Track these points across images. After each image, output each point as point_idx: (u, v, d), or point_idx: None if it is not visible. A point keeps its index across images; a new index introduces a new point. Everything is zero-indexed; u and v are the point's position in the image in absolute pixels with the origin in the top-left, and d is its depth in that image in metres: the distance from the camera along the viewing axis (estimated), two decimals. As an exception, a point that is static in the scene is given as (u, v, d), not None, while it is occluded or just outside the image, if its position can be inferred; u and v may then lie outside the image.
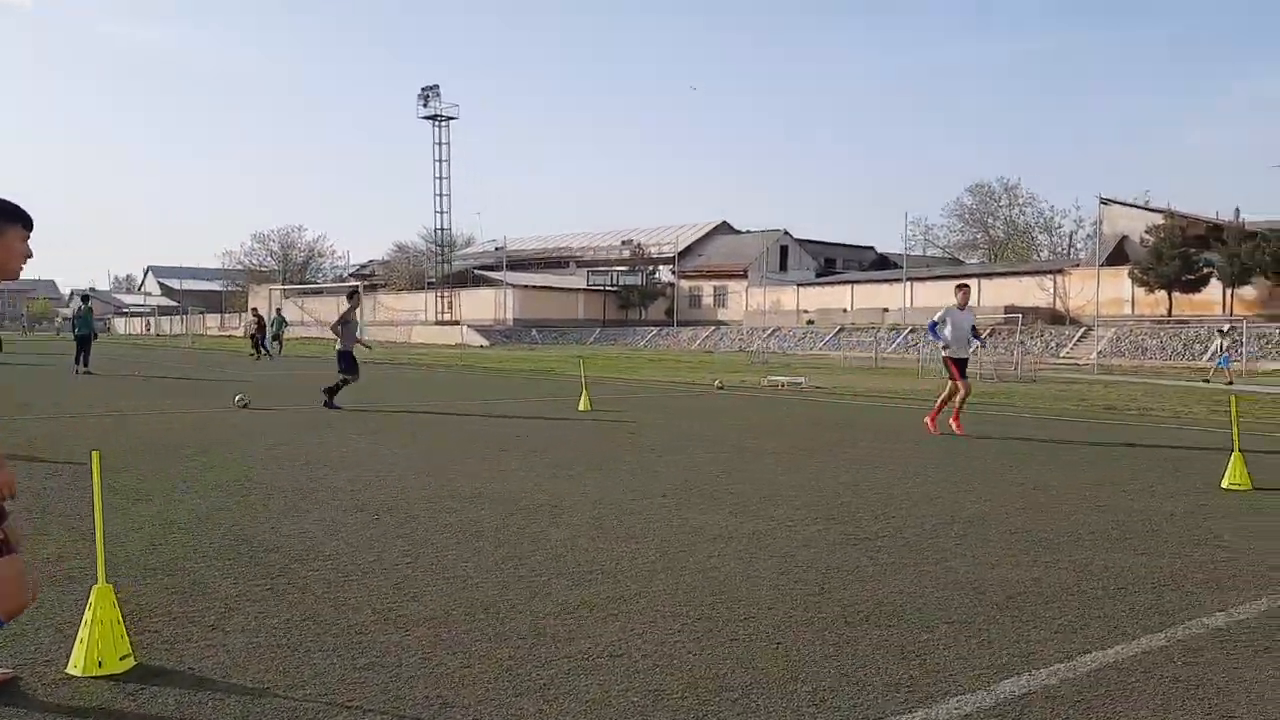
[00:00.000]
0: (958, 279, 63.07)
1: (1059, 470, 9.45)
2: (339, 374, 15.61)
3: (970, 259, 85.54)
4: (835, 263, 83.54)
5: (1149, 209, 54.75)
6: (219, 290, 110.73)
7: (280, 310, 44.58)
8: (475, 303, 75.54)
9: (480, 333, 66.32)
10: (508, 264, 79.90)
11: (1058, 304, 54.93)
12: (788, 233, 79.29)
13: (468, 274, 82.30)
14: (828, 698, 3.57)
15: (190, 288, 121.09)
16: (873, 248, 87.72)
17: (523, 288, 76.04)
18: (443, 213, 77.15)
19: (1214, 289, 47.91)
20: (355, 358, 15.85)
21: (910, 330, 51.92)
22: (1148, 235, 49.85)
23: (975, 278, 62.18)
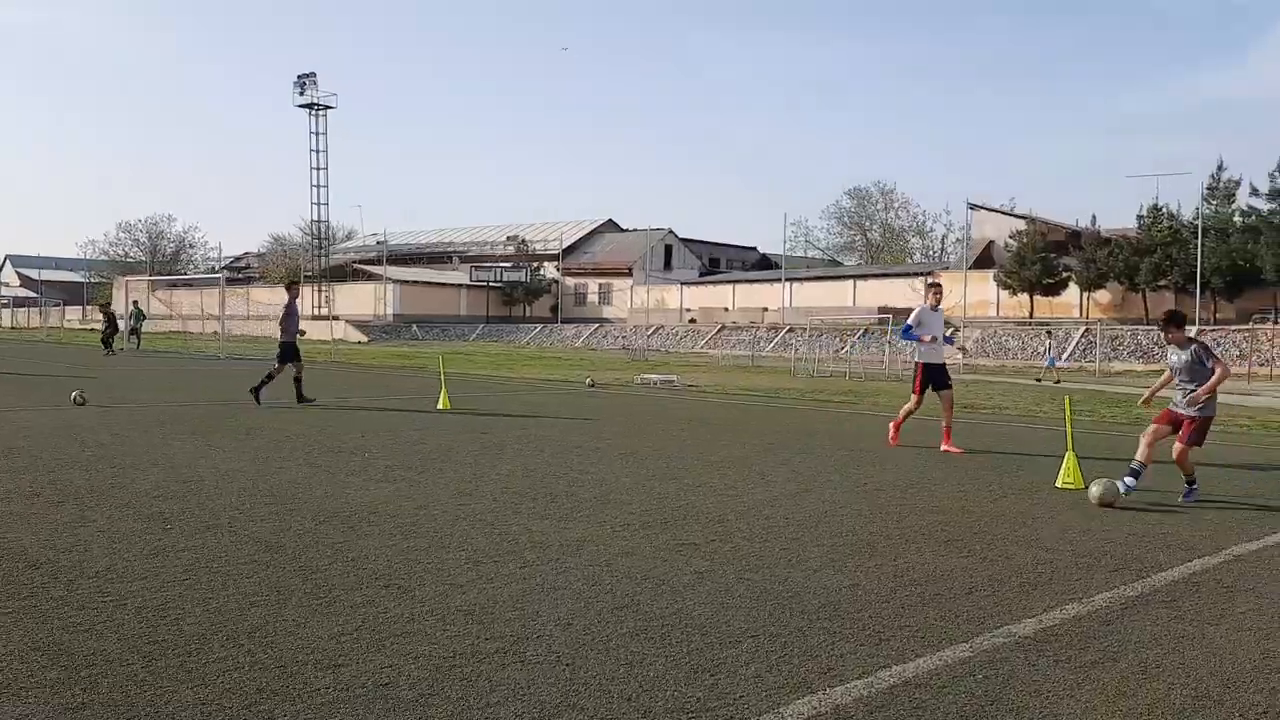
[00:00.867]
0: (835, 279, 64.90)
1: (903, 470, 9.46)
2: (274, 366, 15.36)
3: (849, 260, 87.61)
4: (719, 262, 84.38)
5: (1014, 215, 56.93)
6: (81, 281, 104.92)
7: (137, 303, 42.19)
8: (354, 297, 73.46)
9: (359, 328, 64.48)
10: (389, 258, 77.96)
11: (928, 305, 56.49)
12: (672, 232, 79.66)
13: (347, 268, 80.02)
14: (602, 727, 3.28)
15: (52, 278, 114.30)
16: (755, 248, 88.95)
17: (404, 283, 74.30)
18: (320, 204, 74.73)
19: (1072, 292, 50.08)
20: (298, 348, 15.59)
21: (788, 330, 52.74)
22: (1012, 240, 51.79)
23: (852, 279, 63.81)
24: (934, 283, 12.30)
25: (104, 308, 39.89)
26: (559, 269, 75.82)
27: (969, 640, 4.27)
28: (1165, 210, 47.73)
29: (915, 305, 13.36)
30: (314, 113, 72.90)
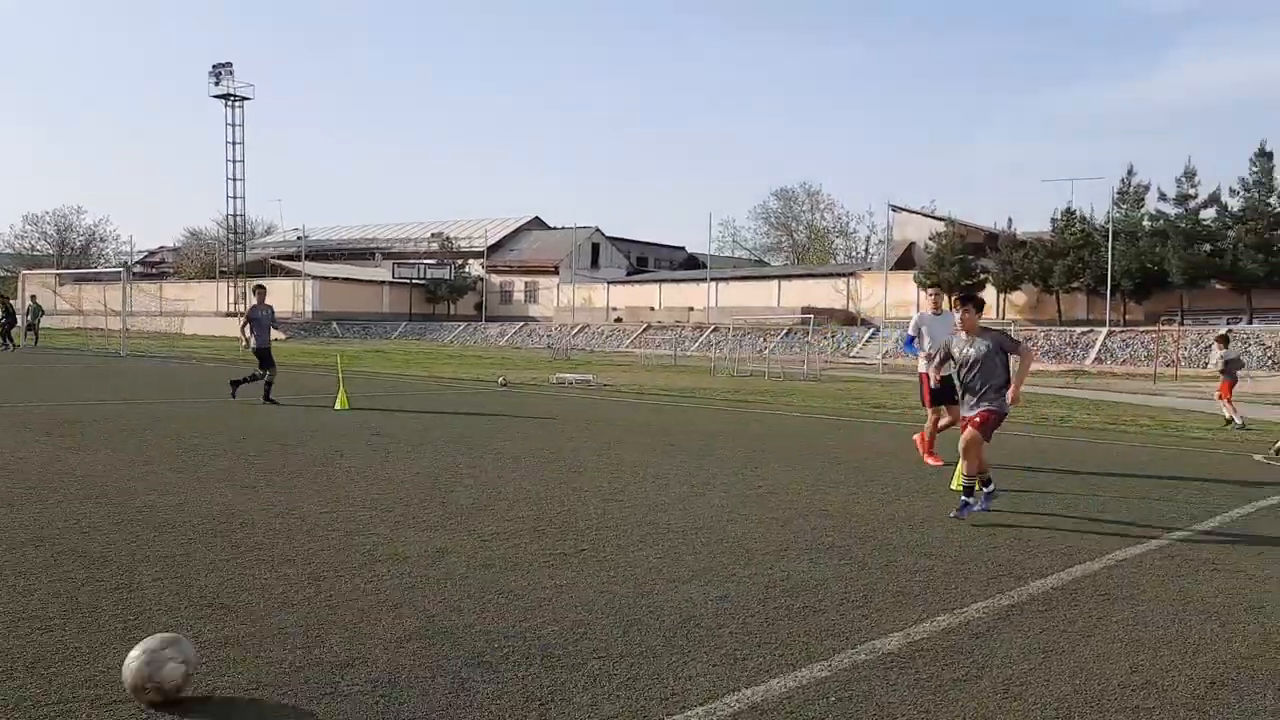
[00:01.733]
0: (761, 279, 65.23)
1: (802, 472, 9.25)
2: (259, 369, 15.41)
3: (775, 261, 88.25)
4: (648, 261, 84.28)
5: (934, 217, 57.84)
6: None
7: (35, 298, 40.36)
8: (272, 294, 71.23)
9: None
10: (309, 254, 76.10)
11: (850, 306, 57.18)
12: (600, 230, 79.27)
13: (265, 263, 77.96)
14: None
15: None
16: (683, 248, 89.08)
17: (324, 279, 72.62)
18: (236, 198, 72.73)
19: (989, 294, 50.98)
20: (270, 353, 15.59)
21: (713, 329, 52.79)
22: (932, 242, 52.57)
23: (777, 279, 64.19)
24: (933, 289, 11.03)
25: (1, 300, 38.10)
26: (484, 266, 74.89)
27: (830, 658, 4.01)
28: (1078, 214, 48.91)
29: (838, 305, 12.84)
30: (230, 103, 70.97)
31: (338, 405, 14.65)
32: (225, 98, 70.83)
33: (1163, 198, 46.22)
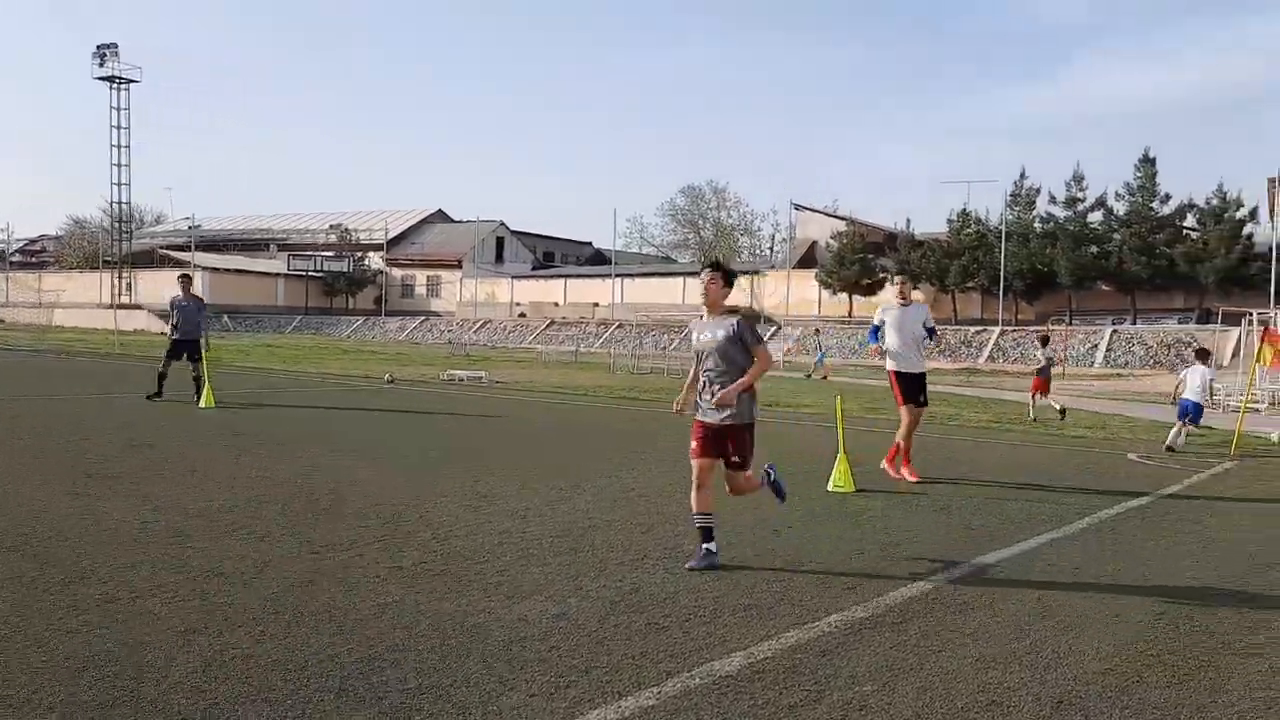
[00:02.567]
0: (666, 276, 65.18)
1: (681, 474, 8.93)
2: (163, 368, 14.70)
3: (682, 258, 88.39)
4: (554, 256, 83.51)
5: (836, 216, 58.56)
6: None
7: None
8: (159, 285, 68.41)
9: (164, 318, 60.19)
10: (201, 244, 73.32)
11: (754, 304, 57.53)
12: (505, 224, 78.23)
13: (153, 254, 74.80)
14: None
15: None
16: (590, 243, 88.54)
17: (215, 270, 69.89)
18: (121, 184, 69.46)
19: (889, 292, 51.80)
20: (198, 347, 14.73)
21: (617, 326, 52.49)
22: (833, 241, 53.22)
23: (682, 276, 64.18)
24: (900, 277, 10.51)
25: None
26: (385, 259, 73.19)
27: (660, 684, 3.68)
28: (973, 215, 50.06)
29: (741, 303, 12.39)
30: (115, 86, 67.76)
31: (202, 403, 13.85)
32: (110, 80, 67.63)
33: (1053, 200, 47.65)
